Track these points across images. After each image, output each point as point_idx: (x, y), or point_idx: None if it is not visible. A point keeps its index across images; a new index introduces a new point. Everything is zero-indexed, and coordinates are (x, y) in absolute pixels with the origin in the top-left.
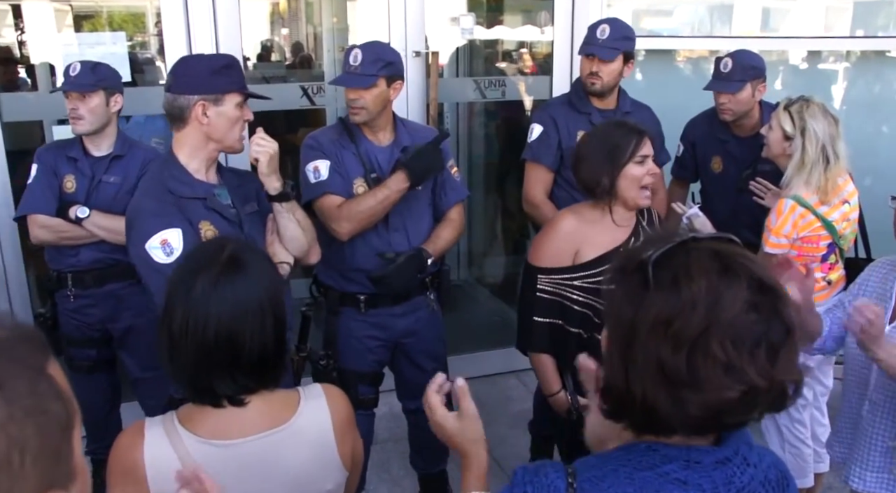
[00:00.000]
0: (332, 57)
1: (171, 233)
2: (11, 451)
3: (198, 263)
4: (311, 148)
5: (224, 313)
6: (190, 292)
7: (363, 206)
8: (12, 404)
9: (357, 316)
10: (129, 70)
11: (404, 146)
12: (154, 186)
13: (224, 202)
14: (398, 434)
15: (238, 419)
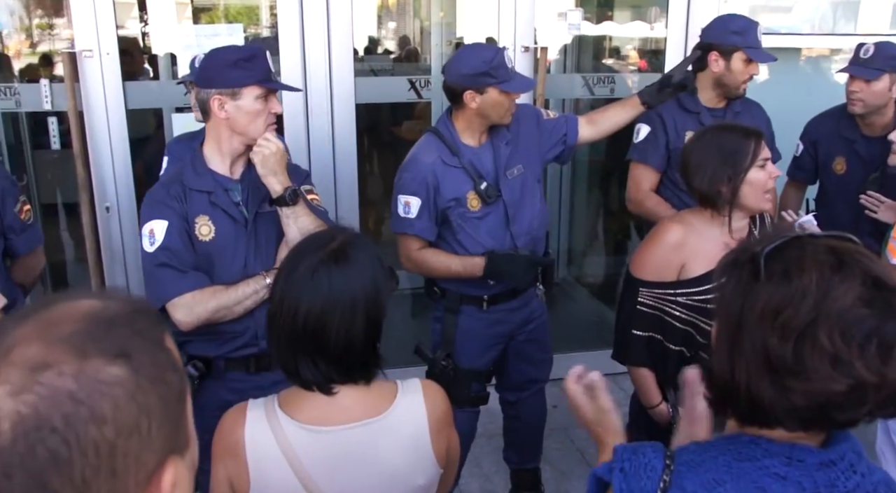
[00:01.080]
0: (439, 51)
1: (158, 224)
2: (140, 417)
3: (306, 248)
4: (410, 179)
5: (315, 303)
6: (290, 275)
7: (435, 264)
8: (139, 373)
9: (478, 314)
10: None
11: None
12: (171, 175)
13: (232, 200)
14: (491, 430)
15: (334, 406)
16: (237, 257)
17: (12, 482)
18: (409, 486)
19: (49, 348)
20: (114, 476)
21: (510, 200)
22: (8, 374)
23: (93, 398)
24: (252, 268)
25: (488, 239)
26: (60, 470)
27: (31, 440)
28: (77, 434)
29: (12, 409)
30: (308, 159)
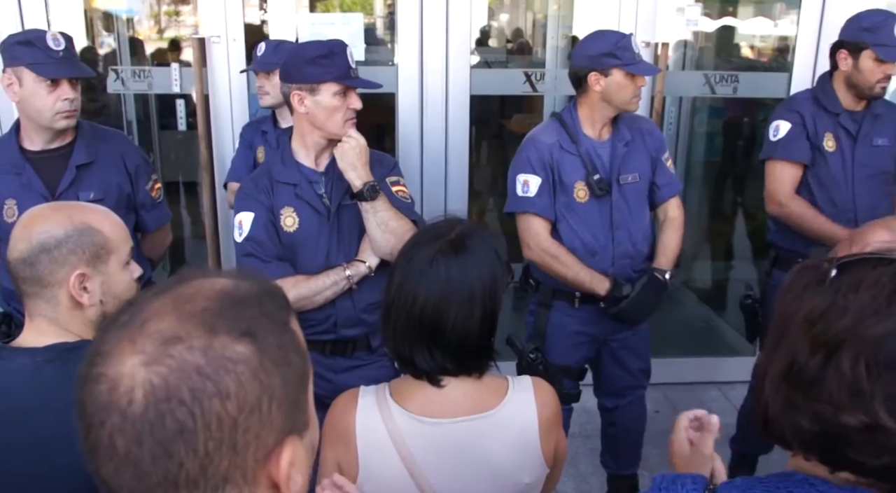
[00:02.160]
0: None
1: (246, 216)
2: (262, 396)
3: (425, 237)
4: (527, 159)
5: (432, 292)
6: (408, 263)
7: (565, 260)
8: (264, 353)
9: (570, 311)
10: (363, 50)
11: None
12: (263, 167)
13: (316, 192)
14: (588, 430)
15: (445, 399)
16: (320, 247)
17: (142, 450)
18: (514, 484)
19: (181, 322)
20: (234, 451)
21: (618, 205)
22: (143, 345)
23: (218, 374)
24: (334, 259)
25: (588, 235)
26: (186, 441)
27: (161, 410)
28: (202, 408)
29: (145, 378)
30: (420, 149)
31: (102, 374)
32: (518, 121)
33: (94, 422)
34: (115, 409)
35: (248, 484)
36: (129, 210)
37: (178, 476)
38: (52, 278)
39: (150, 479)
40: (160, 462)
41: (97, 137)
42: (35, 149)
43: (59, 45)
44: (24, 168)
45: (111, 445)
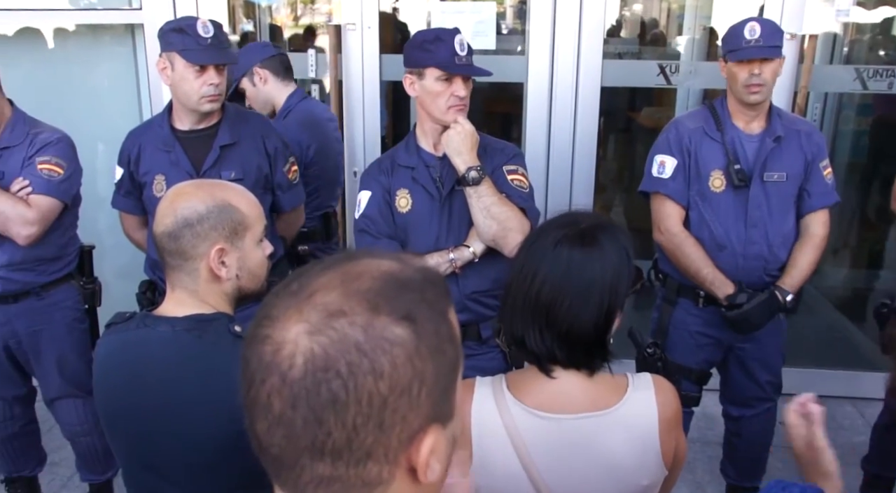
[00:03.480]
0: (691, 35)
1: (365, 194)
2: (413, 381)
3: (555, 222)
4: (667, 140)
5: (551, 277)
6: (533, 244)
7: (690, 252)
8: (420, 339)
9: (693, 310)
10: (494, 39)
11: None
12: (390, 150)
13: (432, 176)
14: (709, 437)
15: (562, 394)
16: (430, 230)
17: (295, 413)
18: (631, 484)
19: (346, 298)
20: (380, 429)
21: (757, 201)
22: (308, 314)
23: (375, 353)
24: (443, 242)
25: (719, 227)
26: (336, 411)
27: (317, 379)
28: (356, 382)
29: (307, 346)
30: (547, 140)
31: (268, 336)
32: (648, 114)
33: (255, 379)
34: (276, 370)
35: (389, 464)
36: (266, 190)
37: (324, 444)
38: (194, 252)
39: (299, 442)
40: (310, 428)
41: (240, 120)
42: (184, 129)
43: (208, 33)
44: (173, 146)
45: (268, 403)
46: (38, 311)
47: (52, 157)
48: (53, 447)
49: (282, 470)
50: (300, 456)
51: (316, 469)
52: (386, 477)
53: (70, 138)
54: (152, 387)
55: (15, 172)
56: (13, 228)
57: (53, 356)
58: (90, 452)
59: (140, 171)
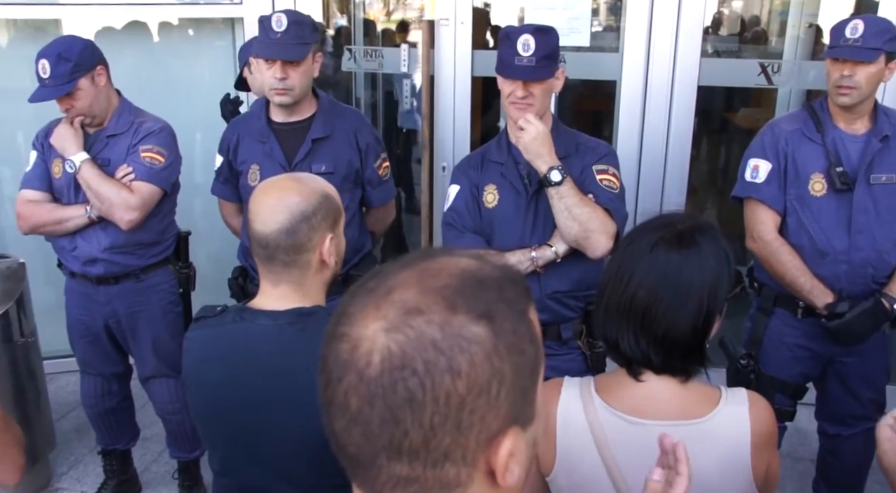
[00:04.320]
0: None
1: (454, 188)
2: (492, 380)
3: (653, 224)
4: (762, 143)
5: (647, 279)
6: (629, 246)
7: (785, 260)
8: (499, 338)
9: (791, 321)
10: (588, 35)
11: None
12: (483, 146)
13: (520, 173)
14: (800, 452)
15: (652, 400)
16: (515, 226)
17: (372, 411)
18: None
19: (423, 295)
20: (458, 430)
21: (863, 205)
22: (386, 311)
23: (453, 351)
24: (527, 240)
25: (819, 233)
26: (413, 410)
27: (394, 377)
28: (433, 381)
29: (384, 344)
30: (640, 139)
31: (346, 333)
32: (745, 115)
33: (332, 378)
34: (354, 368)
35: (468, 466)
36: (357, 185)
37: (401, 444)
38: (310, 244)
39: (377, 441)
40: (387, 427)
41: (334, 114)
42: (279, 121)
43: (280, 27)
44: (268, 138)
45: (346, 402)
46: (137, 293)
47: (154, 145)
48: (146, 423)
49: (359, 469)
50: (377, 456)
51: (393, 469)
52: (464, 480)
53: (171, 128)
54: (255, 380)
55: (120, 159)
56: (116, 213)
57: (149, 337)
58: (180, 430)
59: (237, 160)
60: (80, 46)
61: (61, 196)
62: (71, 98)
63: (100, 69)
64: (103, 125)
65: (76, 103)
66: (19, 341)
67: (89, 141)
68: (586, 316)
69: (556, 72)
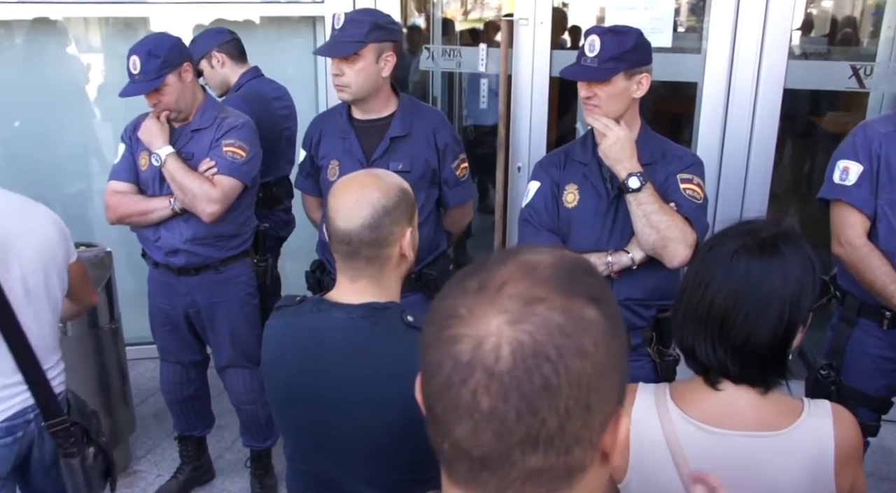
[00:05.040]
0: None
1: (533, 185)
2: (609, 360)
3: (734, 230)
4: (852, 144)
5: (726, 286)
6: (709, 252)
7: (875, 266)
8: (607, 320)
9: (876, 332)
10: (670, 36)
11: None
12: (569, 143)
13: (603, 175)
14: (884, 471)
15: (729, 409)
16: (593, 229)
17: (507, 406)
18: None
19: (536, 285)
20: (587, 412)
21: None
22: (504, 305)
23: (578, 334)
24: (604, 244)
25: None
26: (550, 397)
27: (528, 366)
28: (566, 365)
29: (512, 336)
30: (721, 144)
31: (462, 334)
32: (832, 119)
33: (453, 381)
34: (480, 366)
35: (592, 449)
36: (433, 184)
37: (539, 433)
38: (392, 238)
39: (512, 437)
40: (524, 419)
41: (414, 113)
42: (359, 118)
43: (338, 26)
44: (348, 134)
45: (474, 403)
46: (216, 284)
47: (236, 140)
48: (220, 411)
49: (484, 471)
50: (511, 452)
51: (528, 463)
52: (587, 463)
53: (253, 123)
54: (327, 372)
55: (203, 153)
56: (199, 206)
57: (226, 327)
58: (253, 420)
59: (318, 155)
60: (169, 44)
61: (147, 188)
62: (159, 93)
63: (186, 66)
64: (188, 120)
65: (163, 98)
66: (105, 326)
67: (174, 135)
68: (657, 324)
69: (628, 75)
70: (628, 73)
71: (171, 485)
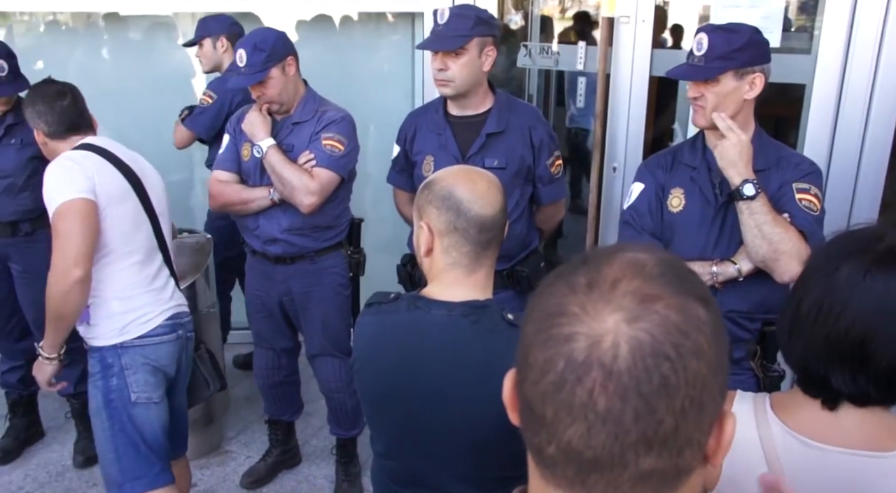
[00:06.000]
0: None
1: (637, 186)
2: (720, 360)
3: (849, 246)
4: None
5: (864, 308)
6: (833, 273)
7: None
8: (715, 320)
9: None
10: (779, 36)
11: None
12: (675, 145)
13: (713, 180)
14: None
15: (835, 425)
16: (698, 236)
17: (625, 406)
18: None
19: (650, 283)
20: (701, 412)
21: None
22: (620, 303)
23: (694, 333)
24: (709, 252)
25: None
26: (669, 396)
27: (647, 365)
28: (684, 364)
29: (630, 334)
30: (830, 149)
31: (576, 332)
32: None
33: (567, 379)
34: (598, 364)
35: (700, 450)
36: (527, 181)
37: (655, 434)
38: (502, 235)
39: (628, 438)
40: (642, 419)
41: (510, 109)
42: (455, 114)
43: (442, 20)
44: (444, 130)
45: (590, 402)
46: (310, 273)
47: (335, 134)
48: (309, 398)
49: (593, 473)
50: (625, 453)
51: (641, 465)
52: (694, 465)
53: (352, 118)
54: (425, 369)
55: (303, 145)
56: (297, 197)
57: (319, 316)
58: (341, 408)
59: (413, 150)
60: (274, 38)
61: (248, 178)
62: (263, 86)
63: (290, 60)
64: (290, 113)
65: (267, 91)
66: (203, 310)
67: (276, 127)
68: (762, 338)
69: (738, 75)
70: (738, 73)
71: (260, 467)
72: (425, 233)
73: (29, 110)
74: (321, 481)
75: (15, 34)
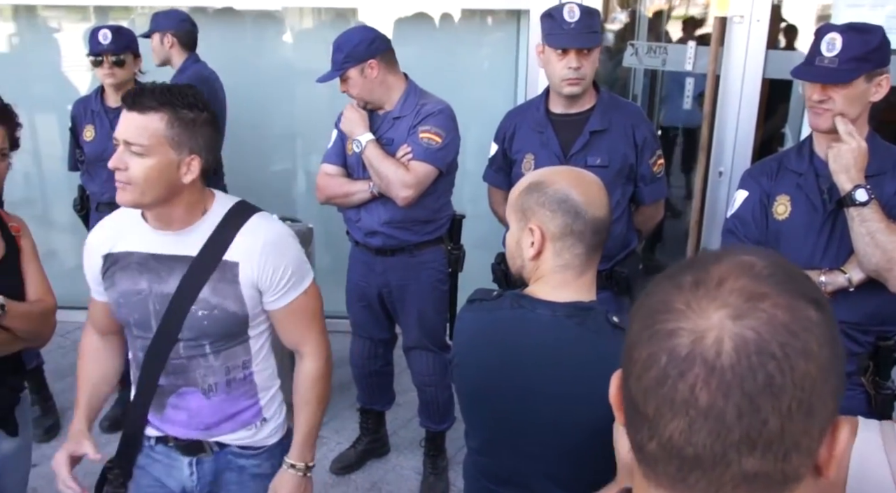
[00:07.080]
0: None
1: (741, 194)
2: (832, 364)
3: None
4: None
5: None
6: None
7: None
8: (829, 323)
9: None
10: None
11: None
12: (782, 151)
13: (820, 186)
14: None
15: None
16: (805, 244)
17: (728, 402)
18: None
19: (757, 282)
20: (809, 415)
21: None
22: (725, 300)
23: (803, 334)
24: (816, 261)
25: None
26: (774, 396)
27: (752, 362)
28: (791, 364)
29: (734, 331)
30: None
31: (680, 328)
32: None
33: (668, 376)
34: (700, 360)
35: (809, 457)
36: (629, 181)
37: (759, 434)
38: (608, 237)
39: (730, 436)
40: (745, 417)
41: (613, 107)
42: (558, 112)
43: (573, 17)
44: (545, 128)
45: (692, 398)
46: (409, 267)
47: (432, 126)
48: (400, 389)
49: (694, 471)
50: (727, 452)
51: (744, 465)
52: (802, 472)
53: (451, 109)
54: (527, 369)
55: (402, 139)
56: (393, 190)
57: (415, 310)
58: (432, 401)
59: (513, 149)
60: (357, 40)
61: (352, 172)
62: (345, 84)
63: (372, 63)
64: (390, 108)
65: (349, 90)
66: None
67: (377, 122)
68: (876, 352)
69: (868, 77)
70: (869, 76)
71: (350, 454)
72: (537, 236)
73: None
74: (408, 472)
75: (137, 27)
